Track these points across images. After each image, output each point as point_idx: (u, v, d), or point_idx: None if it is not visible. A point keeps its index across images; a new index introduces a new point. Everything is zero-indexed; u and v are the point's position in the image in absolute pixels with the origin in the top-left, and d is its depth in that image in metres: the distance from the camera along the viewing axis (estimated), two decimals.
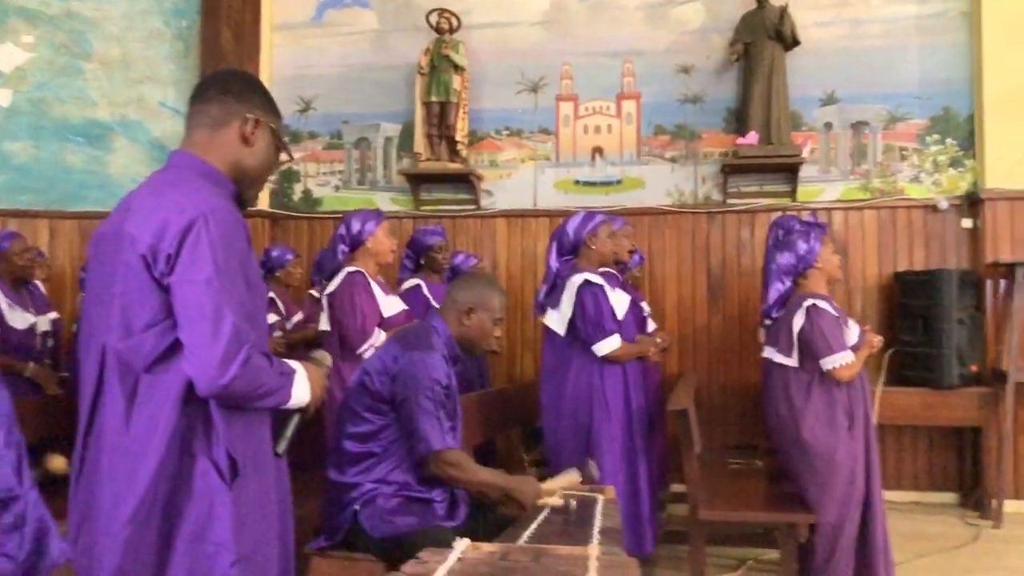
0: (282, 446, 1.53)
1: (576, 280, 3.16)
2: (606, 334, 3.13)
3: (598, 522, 1.85)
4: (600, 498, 2.11)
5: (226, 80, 1.56)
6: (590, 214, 3.33)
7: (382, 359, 2.22)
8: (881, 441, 4.88)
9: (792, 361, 3.09)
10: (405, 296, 3.87)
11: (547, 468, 3.26)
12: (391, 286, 3.64)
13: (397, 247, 3.59)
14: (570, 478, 2.19)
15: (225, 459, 1.41)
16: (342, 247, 3.30)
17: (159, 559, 1.37)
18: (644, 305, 4.31)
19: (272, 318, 4.22)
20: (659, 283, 5.24)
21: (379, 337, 3.13)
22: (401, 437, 2.17)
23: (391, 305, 3.24)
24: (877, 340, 3.14)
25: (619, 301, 3.22)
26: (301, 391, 1.51)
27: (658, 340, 3.66)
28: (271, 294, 4.35)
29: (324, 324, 3.24)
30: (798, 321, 3.06)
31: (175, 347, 1.37)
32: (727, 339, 5.17)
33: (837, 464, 2.99)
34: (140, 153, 5.35)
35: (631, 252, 3.93)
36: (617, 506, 2.10)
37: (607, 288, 3.18)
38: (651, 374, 3.74)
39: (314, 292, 4.39)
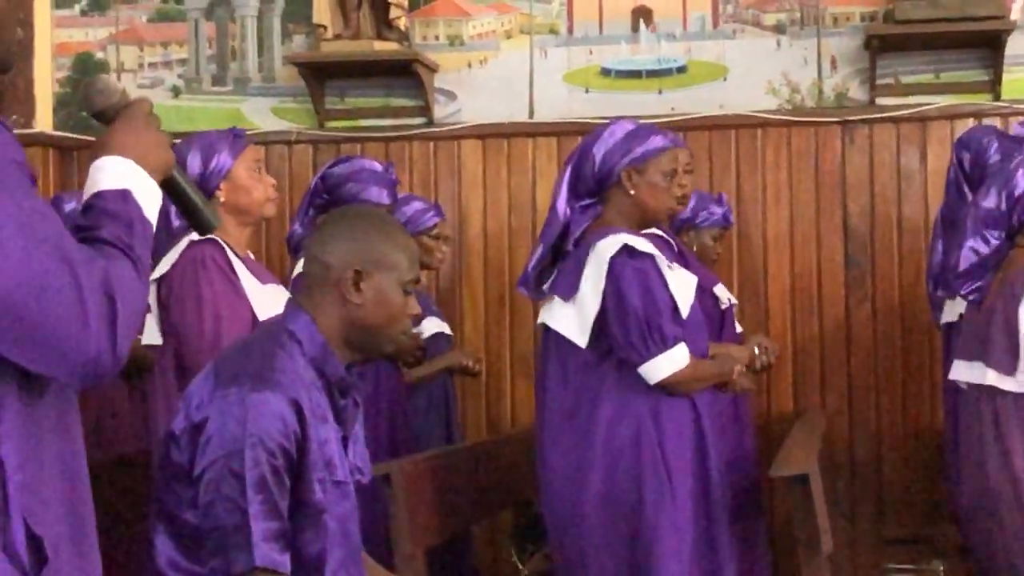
0: (209, 213, 1.82)
1: (608, 247, 3.14)
2: (665, 344, 3.11)
3: None
4: None
5: None
6: (641, 129, 3.28)
7: (187, 408, 2.25)
8: None
9: (1013, 383, 3.10)
10: None
11: None
12: (276, 268, 3.88)
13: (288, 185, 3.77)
14: None
15: (22, 537, 1.45)
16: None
17: None
18: (722, 292, 4.20)
19: None
20: (755, 248, 4.97)
21: None
22: None
23: (269, 298, 3.21)
24: None
25: (681, 285, 3.22)
26: (146, 195, 1.62)
27: (756, 351, 3.65)
28: None
29: (151, 333, 3.27)
30: None
31: None
32: (883, 347, 4.87)
33: None
34: None
35: (683, 197, 3.75)
36: None
37: (662, 263, 3.19)
38: (743, 414, 3.89)
39: None
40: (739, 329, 4.32)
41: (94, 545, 1.62)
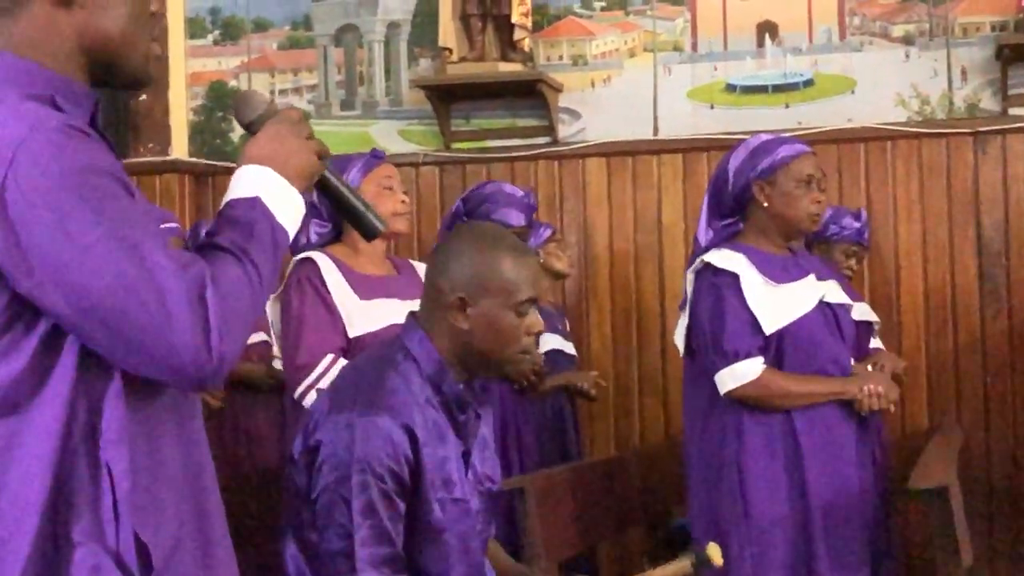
0: (372, 216, 1.79)
1: (696, 265, 3.27)
2: (727, 358, 3.17)
3: None
4: None
5: None
6: (770, 141, 3.29)
7: (304, 431, 2.29)
8: None
9: None
10: None
11: None
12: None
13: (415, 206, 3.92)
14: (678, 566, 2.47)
15: (131, 544, 1.49)
16: (315, 221, 3.44)
17: None
18: (859, 306, 4.08)
19: None
20: (886, 263, 4.94)
21: (333, 371, 3.19)
22: None
23: (369, 314, 3.26)
24: None
25: (784, 300, 3.24)
26: (282, 202, 1.62)
27: (882, 366, 3.74)
28: None
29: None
30: None
31: (39, 369, 1.48)
32: (1020, 361, 4.79)
33: None
34: None
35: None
36: None
37: (750, 277, 3.20)
38: (871, 431, 3.65)
39: None
40: (873, 345, 4.29)
41: (223, 555, 1.64)
